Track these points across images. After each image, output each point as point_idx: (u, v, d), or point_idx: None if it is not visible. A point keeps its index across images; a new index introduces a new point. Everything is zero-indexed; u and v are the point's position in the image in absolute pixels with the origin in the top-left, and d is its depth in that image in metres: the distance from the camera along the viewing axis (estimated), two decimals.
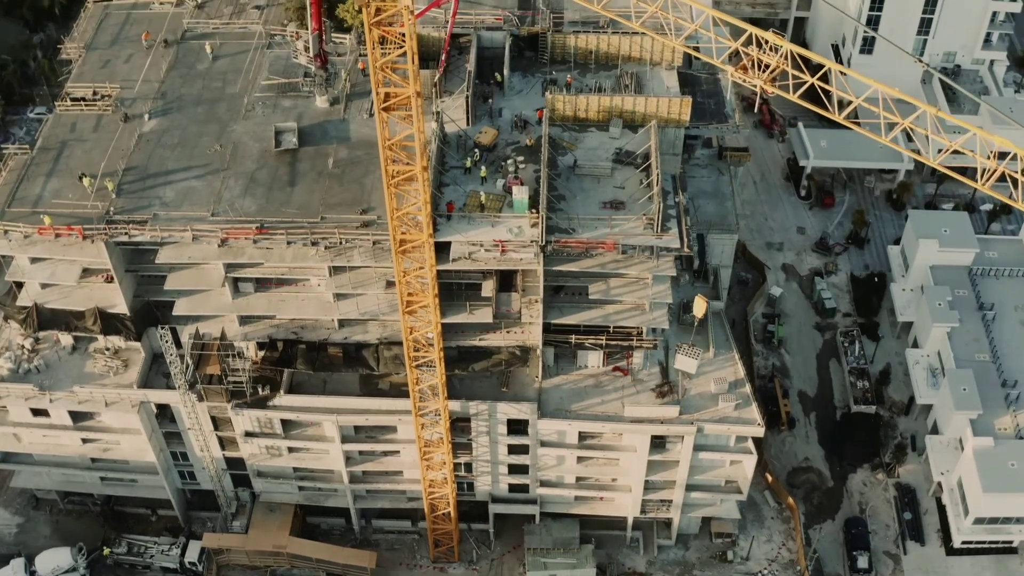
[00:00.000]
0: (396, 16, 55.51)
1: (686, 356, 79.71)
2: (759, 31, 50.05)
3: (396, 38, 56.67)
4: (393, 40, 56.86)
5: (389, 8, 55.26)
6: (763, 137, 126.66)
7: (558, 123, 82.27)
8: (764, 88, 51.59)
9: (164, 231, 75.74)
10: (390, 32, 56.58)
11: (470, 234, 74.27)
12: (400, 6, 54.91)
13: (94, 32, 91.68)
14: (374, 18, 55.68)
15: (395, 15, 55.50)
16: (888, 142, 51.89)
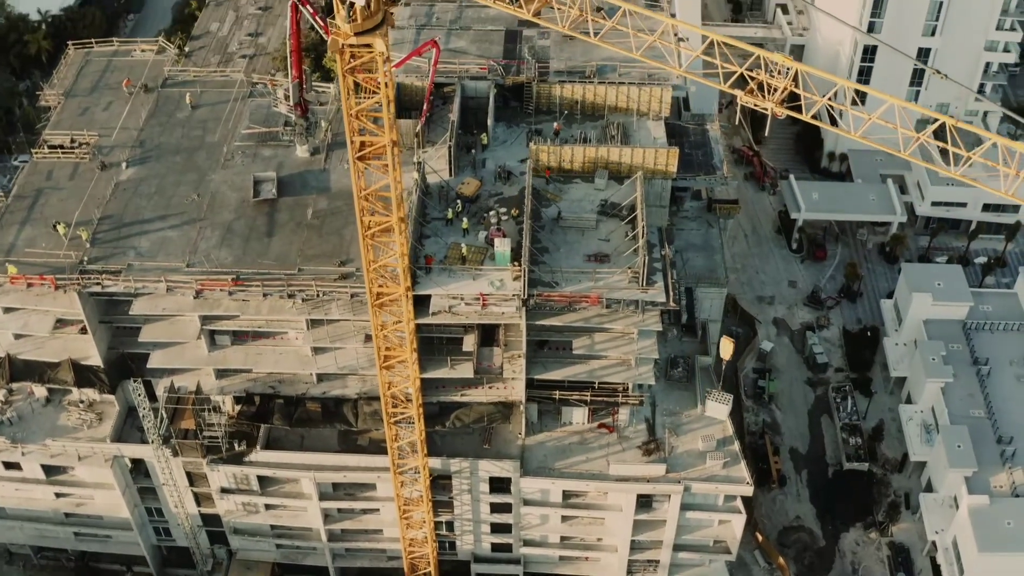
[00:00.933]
0: (371, 62, 54.09)
1: (716, 402, 77.99)
2: (766, 53, 48.83)
3: (371, 85, 55.26)
4: (369, 87, 55.45)
5: (363, 54, 53.84)
6: (754, 189, 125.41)
7: (542, 174, 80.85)
8: (775, 111, 50.14)
9: (138, 282, 74.30)
10: (365, 79, 55.18)
11: (451, 287, 72.63)
12: (374, 52, 53.50)
13: (74, 79, 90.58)
14: (348, 64, 54.28)
15: (370, 61, 54.07)
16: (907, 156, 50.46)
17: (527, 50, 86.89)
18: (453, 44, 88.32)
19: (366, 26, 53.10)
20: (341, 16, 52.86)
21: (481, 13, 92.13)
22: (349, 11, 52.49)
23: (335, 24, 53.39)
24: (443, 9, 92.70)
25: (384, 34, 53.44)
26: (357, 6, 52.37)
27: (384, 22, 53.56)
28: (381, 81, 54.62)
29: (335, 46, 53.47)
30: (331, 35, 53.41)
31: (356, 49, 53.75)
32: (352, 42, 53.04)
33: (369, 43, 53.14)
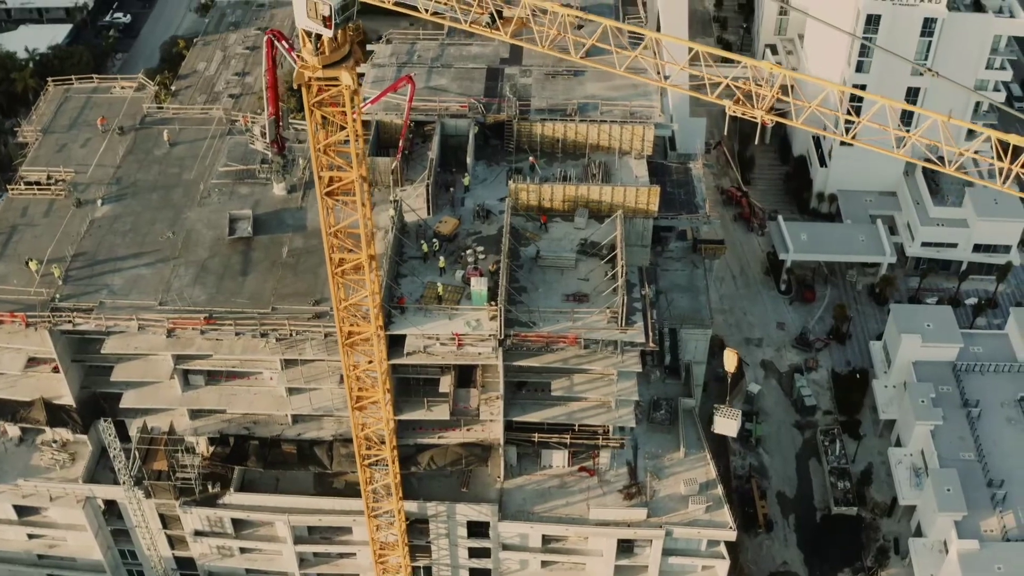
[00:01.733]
0: (338, 96, 53.22)
1: (725, 418, 74.24)
2: (753, 61, 47.94)
3: (339, 120, 54.38)
4: (337, 122, 54.56)
5: (330, 88, 52.99)
6: (743, 231, 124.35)
7: (522, 213, 79.94)
8: (763, 119, 49.22)
9: (109, 320, 73.20)
10: (333, 113, 54.30)
11: (426, 327, 71.52)
12: (342, 86, 52.63)
13: (52, 115, 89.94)
14: (315, 98, 53.43)
15: (337, 95, 53.21)
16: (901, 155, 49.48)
17: (508, 88, 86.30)
18: (434, 82, 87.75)
19: (333, 58, 52.32)
20: (308, 49, 52.12)
21: (463, 51, 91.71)
22: (316, 43, 51.76)
23: (302, 57, 52.64)
24: (425, 47, 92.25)
25: (351, 67, 52.61)
26: (324, 38, 51.61)
27: (351, 55, 52.75)
28: (348, 115, 53.72)
29: (301, 78, 52.66)
30: (297, 68, 52.61)
31: (323, 82, 52.92)
32: (318, 75, 52.21)
33: (336, 76, 52.30)
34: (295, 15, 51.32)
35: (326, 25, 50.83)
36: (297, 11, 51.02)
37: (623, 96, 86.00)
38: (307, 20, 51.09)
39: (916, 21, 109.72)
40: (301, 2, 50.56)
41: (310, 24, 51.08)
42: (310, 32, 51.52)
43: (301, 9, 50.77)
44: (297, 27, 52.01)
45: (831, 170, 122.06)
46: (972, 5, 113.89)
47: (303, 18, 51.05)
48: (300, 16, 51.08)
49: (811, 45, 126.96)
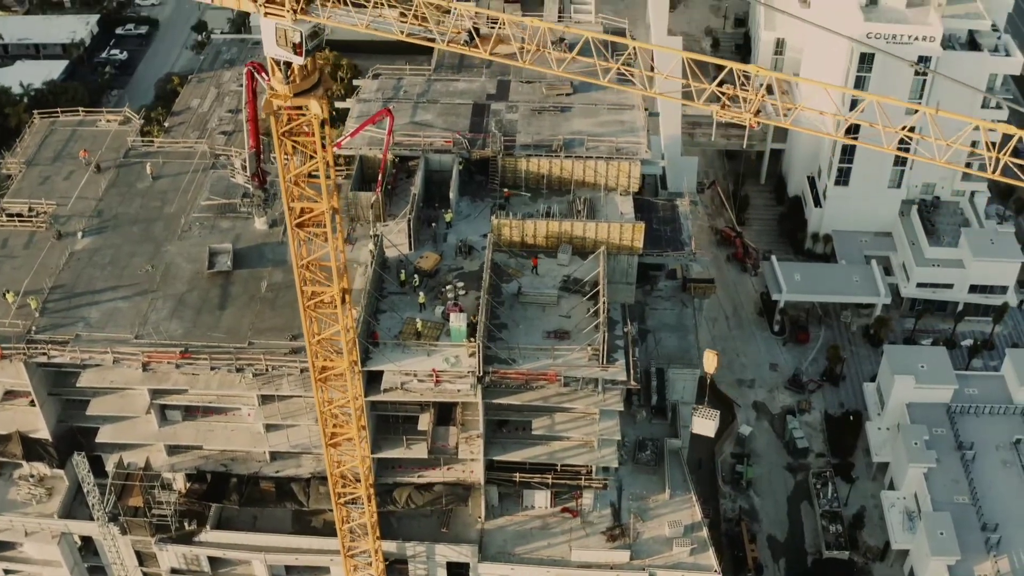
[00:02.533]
0: (307, 125, 52.52)
1: (703, 418, 71.79)
2: (739, 65, 47.43)
3: (309, 150, 53.63)
4: (307, 152, 53.82)
5: (299, 117, 52.30)
6: (736, 271, 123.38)
7: (505, 249, 79.07)
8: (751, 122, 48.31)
9: (84, 353, 72.24)
10: (303, 143, 53.55)
11: (404, 363, 70.38)
12: (310, 115, 51.93)
13: (37, 148, 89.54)
14: (284, 127, 52.72)
15: (306, 124, 52.51)
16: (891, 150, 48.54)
17: (494, 124, 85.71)
18: (419, 117, 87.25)
19: (304, 86, 51.69)
20: (277, 77, 51.49)
21: (449, 87, 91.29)
22: (286, 71, 51.16)
23: (271, 86, 52.02)
24: (411, 83, 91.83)
25: (320, 96, 51.95)
26: (295, 65, 51.01)
27: (320, 83, 52.13)
28: (318, 145, 52.97)
29: (269, 107, 52.00)
30: (266, 96, 51.99)
31: (292, 111, 52.24)
32: (287, 103, 51.53)
33: (304, 104, 51.64)
34: (264, 44, 50.71)
35: (296, 52, 50.33)
36: (266, 40, 50.39)
37: (610, 132, 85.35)
38: (276, 48, 50.55)
39: (910, 59, 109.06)
40: (270, 30, 50.04)
41: (279, 52, 50.54)
42: (279, 61, 51.04)
43: (270, 37, 50.17)
44: (266, 56, 51.44)
45: (826, 210, 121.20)
46: (967, 44, 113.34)
47: (272, 47, 50.47)
48: (269, 45, 50.46)
49: (805, 85, 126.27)
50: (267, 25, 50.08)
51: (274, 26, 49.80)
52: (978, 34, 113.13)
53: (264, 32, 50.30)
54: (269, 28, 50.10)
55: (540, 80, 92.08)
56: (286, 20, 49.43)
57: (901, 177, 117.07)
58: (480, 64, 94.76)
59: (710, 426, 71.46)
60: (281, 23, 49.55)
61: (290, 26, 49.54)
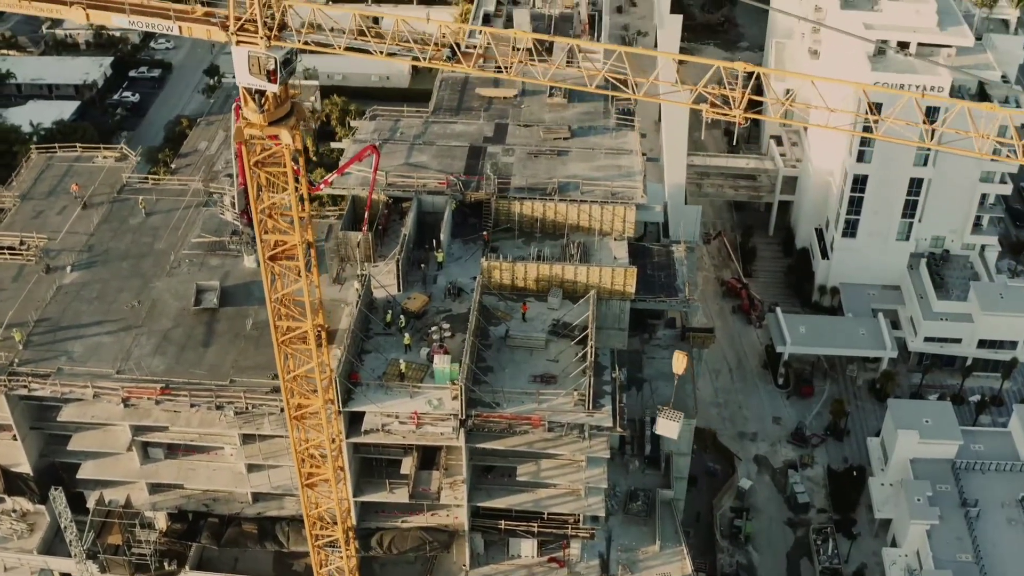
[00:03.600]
0: (279, 155, 51.86)
1: (667, 420, 70.20)
2: (726, 63, 47.59)
3: (281, 181, 52.90)
4: (280, 183, 53.10)
5: (271, 147, 51.66)
6: (741, 323, 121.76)
7: (495, 292, 77.95)
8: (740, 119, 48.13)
9: (65, 386, 71.48)
10: (276, 174, 52.83)
11: (386, 405, 69.06)
12: (281, 145, 51.26)
13: (32, 182, 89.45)
14: (256, 157, 52.05)
15: (278, 154, 51.85)
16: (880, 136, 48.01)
17: (489, 166, 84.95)
18: (415, 158, 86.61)
19: (278, 115, 51.19)
20: (251, 107, 50.93)
21: (447, 129, 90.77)
22: (260, 100, 50.62)
23: (244, 116, 51.46)
24: (408, 124, 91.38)
25: (292, 126, 51.33)
26: (269, 94, 50.45)
27: (293, 113, 51.55)
28: (290, 176, 52.25)
29: (240, 136, 51.41)
30: (236, 125, 51.42)
31: (264, 141, 51.60)
32: (257, 133, 50.94)
33: (276, 134, 51.00)
34: (236, 73, 50.22)
35: (270, 79, 49.81)
36: (238, 68, 49.95)
37: (606, 176, 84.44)
38: (249, 77, 50.08)
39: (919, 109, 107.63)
40: (243, 59, 49.57)
41: (253, 81, 50.06)
42: (252, 89, 50.52)
43: (243, 66, 49.72)
44: (238, 85, 50.92)
45: (833, 263, 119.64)
46: (977, 95, 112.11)
47: (245, 76, 49.98)
48: (242, 74, 50.00)
49: (814, 134, 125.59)
50: (239, 53, 49.68)
51: (247, 54, 49.46)
52: (988, 85, 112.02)
53: (236, 60, 49.87)
54: (242, 56, 49.71)
55: (538, 124, 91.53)
56: (259, 47, 49.08)
57: (910, 229, 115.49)
58: (478, 107, 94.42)
59: (674, 428, 70.00)
60: (254, 50, 49.18)
61: (264, 53, 49.13)
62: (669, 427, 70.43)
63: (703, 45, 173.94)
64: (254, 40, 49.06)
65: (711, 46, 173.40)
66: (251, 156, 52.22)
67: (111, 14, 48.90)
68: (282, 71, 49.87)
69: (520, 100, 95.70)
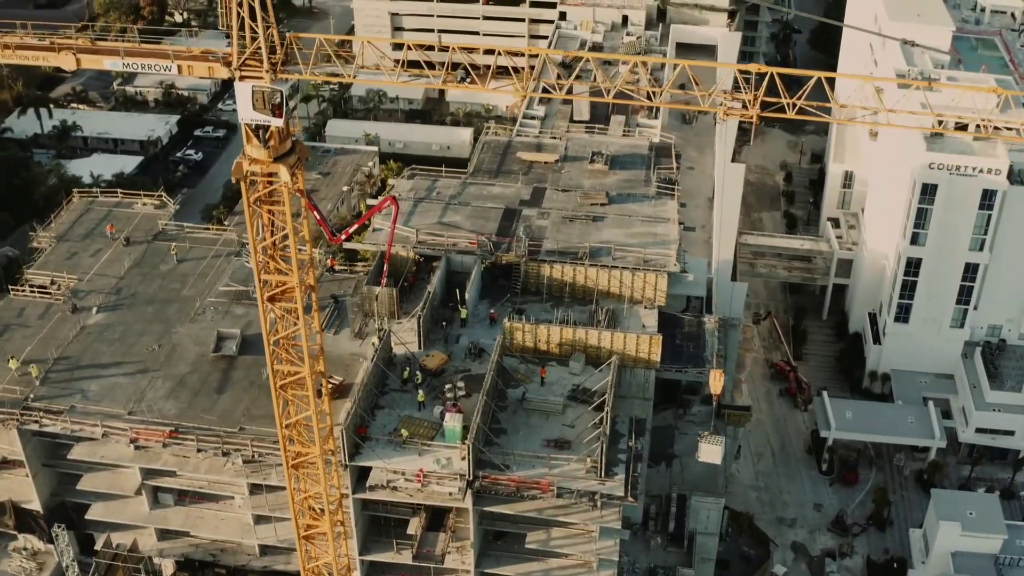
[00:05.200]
0: (278, 193, 51.35)
1: (709, 444, 70.87)
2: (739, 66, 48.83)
3: (281, 220, 52.31)
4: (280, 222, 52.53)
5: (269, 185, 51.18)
6: (788, 406, 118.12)
7: (516, 354, 76.40)
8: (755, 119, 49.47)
9: (76, 424, 71.47)
10: (276, 211, 52.27)
11: (394, 461, 67.64)
12: (280, 183, 50.72)
13: (70, 225, 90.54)
14: (255, 195, 51.55)
15: (277, 192, 51.35)
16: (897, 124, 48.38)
17: (522, 229, 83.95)
18: (448, 218, 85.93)
19: (282, 150, 50.83)
20: (254, 144, 50.52)
21: (484, 191, 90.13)
22: (265, 137, 50.27)
23: (246, 153, 51.09)
24: (446, 184, 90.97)
25: (292, 163, 50.84)
26: (273, 128, 50.04)
27: (293, 151, 51.12)
28: (287, 214, 51.63)
29: (239, 172, 51.00)
30: (237, 161, 51.08)
31: (263, 178, 51.14)
32: (256, 169, 50.51)
33: (275, 172, 50.54)
34: (239, 110, 49.91)
35: (275, 113, 49.50)
36: (241, 105, 49.64)
37: (640, 243, 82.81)
38: (253, 113, 49.77)
39: (975, 193, 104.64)
40: (246, 95, 49.27)
41: (257, 116, 49.76)
42: (256, 126, 50.20)
43: (246, 102, 49.41)
44: (240, 122, 50.64)
45: (885, 348, 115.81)
46: None
47: (248, 111, 49.67)
48: (245, 110, 49.68)
49: (870, 218, 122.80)
50: (243, 89, 49.38)
51: (251, 89, 49.20)
52: None
53: (239, 96, 49.54)
54: (245, 92, 49.42)
55: (576, 189, 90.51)
56: (265, 81, 48.86)
57: (964, 316, 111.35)
58: (518, 170, 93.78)
59: (717, 452, 70.27)
60: (259, 85, 48.93)
61: (269, 87, 48.89)
62: (712, 452, 70.62)
63: (768, 128, 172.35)
64: (259, 74, 48.89)
65: (776, 128, 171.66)
66: (252, 193, 51.72)
67: (103, 57, 48.86)
68: (287, 105, 49.64)
69: (561, 165, 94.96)
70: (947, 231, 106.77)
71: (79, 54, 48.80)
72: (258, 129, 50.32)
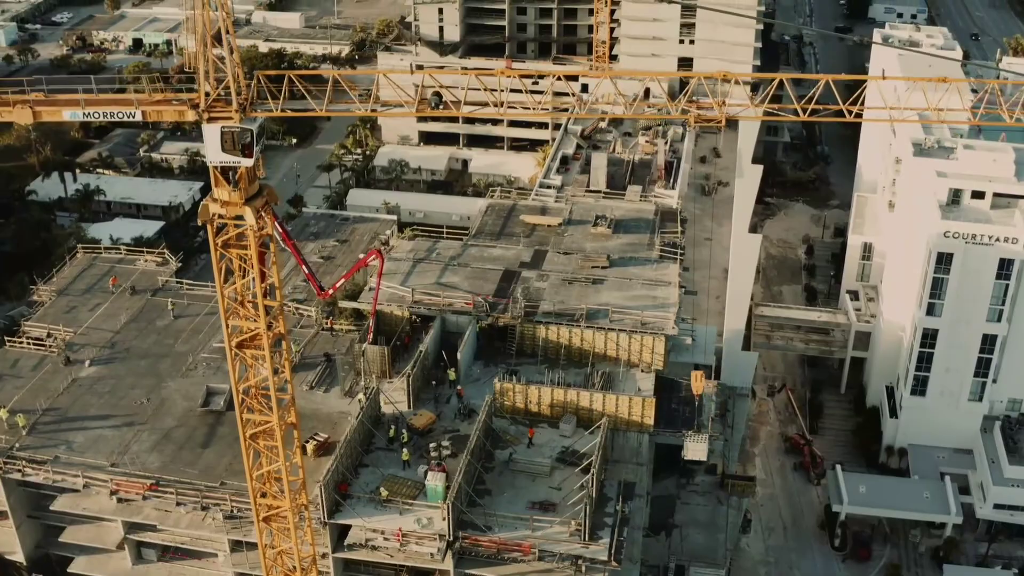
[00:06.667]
0: (243, 237, 50.98)
1: (694, 442, 72.14)
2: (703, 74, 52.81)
3: (248, 265, 51.84)
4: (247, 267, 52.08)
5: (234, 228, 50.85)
6: (801, 480, 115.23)
7: (507, 415, 75.10)
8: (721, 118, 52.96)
9: (57, 474, 71.11)
10: (244, 256, 51.84)
11: (374, 520, 66.33)
12: (246, 225, 50.34)
13: (72, 279, 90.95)
14: (220, 238, 51.22)
15: (242, 235, 50.98)
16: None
17: (520, 290, 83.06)
18: (446, 279, 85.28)
19: (252, 191, 50.66)
20: (223, 187, 50.31)
21: (484, 252, 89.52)
22: (234, 179, 50.07)
23: (214, 197, 50.87)
24: (446, 246, 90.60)
25: (260, 207, 50.55)
26: (243, 169, 49.78)
27: (261, 193, 50.86)
28: (253, 257, 51.18)
29: (205, 214, 50.75)
30: (203, 204, 50.89)
31: (230, 221, 50.83)
32: (221, 211, 50.23)
33: (240, 215, 50.23)
34: (207, 152, 49.83)
35: (246, 154, 49.32)
36: (210, 147, 49.56)
37: (639, 306, 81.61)
38: (222, 155, 49.59)
39: (991, 262, 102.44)
40: (214, 137, 49.16)
41: (226, 158, 49.57)
42: (226, 168, 50.02)
43: (215, 144, 49.29)
44: (210, 165, 50.47)
45: (901, 422, 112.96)
46: None
47: (217, 153, 49.52)
48: (214, 152, 49.56)
49: (888, 289, 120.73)
50: (211, 131, 49.29)
51: (219, 130, 49.07)
52: None
53: (207, 138, 49.44)
54: (214, 134, 49.32)
55: (578, 252, 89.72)
56: (234, 121, 48.77)
57: (983, 390, 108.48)
58: (520, 233, 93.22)
59: (702, 449, 71.97)
60: (229, 126, 48.83)
61: (238, 127, 48.78)
62: (698, 450, 72.28)
63: (792, 201, 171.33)
64: (228, 115, 48.80)
65: (799, 203, 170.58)
66: (213, 236, 51.38)
67: (62, 109, 48.63)
68: (257, 143, 49.47)
69: (564, 229, 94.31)
70: (964, 301, 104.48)
71: (36, 107, 48.19)
72: (226, 171, 50.17)
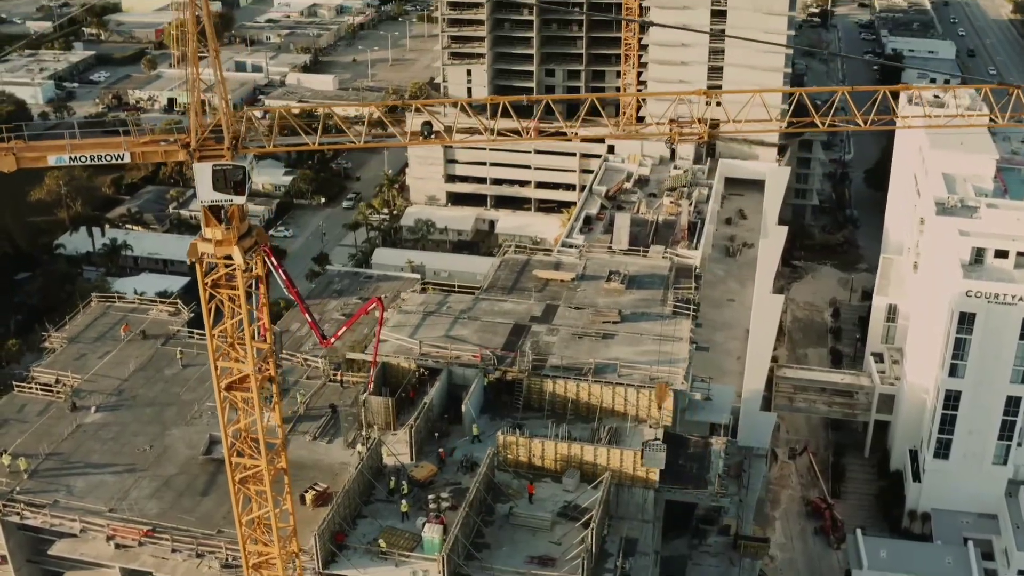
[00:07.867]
0: (230, 277, 50.87)
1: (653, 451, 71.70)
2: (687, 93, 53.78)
3: (236, 305, 51.66)
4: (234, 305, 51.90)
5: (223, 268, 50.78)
6: (822, 545, 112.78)
7: (510, 469, 74.03)
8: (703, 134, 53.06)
9: (55, 518, 70.82)
10: (232, 295, 51.69)
11: (369, 571, 65.32)
12: (234, 264, 50.23)
13: (84, 327, 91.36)
14: (208, 276, 51.14)
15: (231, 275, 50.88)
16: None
17: (529, 344, 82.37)
18: (456, 332, 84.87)
19: (243, 229, 50.72)
20: (214, 226, 50.37)
21: (495, 306, 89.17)
22: (226, 218, 50.13)
23: (204, 236, 50.92)
24: (457, 299, 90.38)
25: (248, 247, 50.50)
26: (234, 207, 49.82)
27: (250, 234, 50.85)
28: (241, 298, 51.01)
29: (193, 253, 50.76)
30: (192, 243, 50.93)
31: (220, 260, 50.78)
32: (210, 250, 50.21)
33: (229, 254, 50.19)
34: (198, 191, 49.99)
35: (238, 192, 49.38)
36: (201, 186, 49.71)
37: (648, 361, 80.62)
38: (214, 193, 49.68)
39: (1015, 322, 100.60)
40: (206, 175, 49.27)
41: (218, 196, 49.64)
42: (216, 207, 50.11)
43: (206, 183, 49.41)
44: (200, 204, 50.62)
45: (924, 486, 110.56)
46: None
47: (208, 192, 49.65)
48: (205, 190, 49.71)
49: (912, 351, 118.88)
50: (202, 170, 49.44)
51: (211, 169, 49.18)
52: None
53: (199, 177, 49.59)
54: (205, 173, 49.44)
55: (590, 307, 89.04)
56: (226, 159, 48.93)
57: (1007, 453, 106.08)
58: (533, 287, 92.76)
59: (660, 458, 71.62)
60: (220, 164, 48.97)
61: (230, 165, 48.92)
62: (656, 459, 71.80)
63: (820, 265, 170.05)
64: (219, 153, 48.98)
65: (828, 266, 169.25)
66: (201, 275, 51.34)
67: (47, 154, 48.73)
68: (248, 180, 49.55)
69: (577, 284, 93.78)
70: (987, 362, 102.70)
71: (19, 153, 48.14)
72: (217, 210, 50.25)
